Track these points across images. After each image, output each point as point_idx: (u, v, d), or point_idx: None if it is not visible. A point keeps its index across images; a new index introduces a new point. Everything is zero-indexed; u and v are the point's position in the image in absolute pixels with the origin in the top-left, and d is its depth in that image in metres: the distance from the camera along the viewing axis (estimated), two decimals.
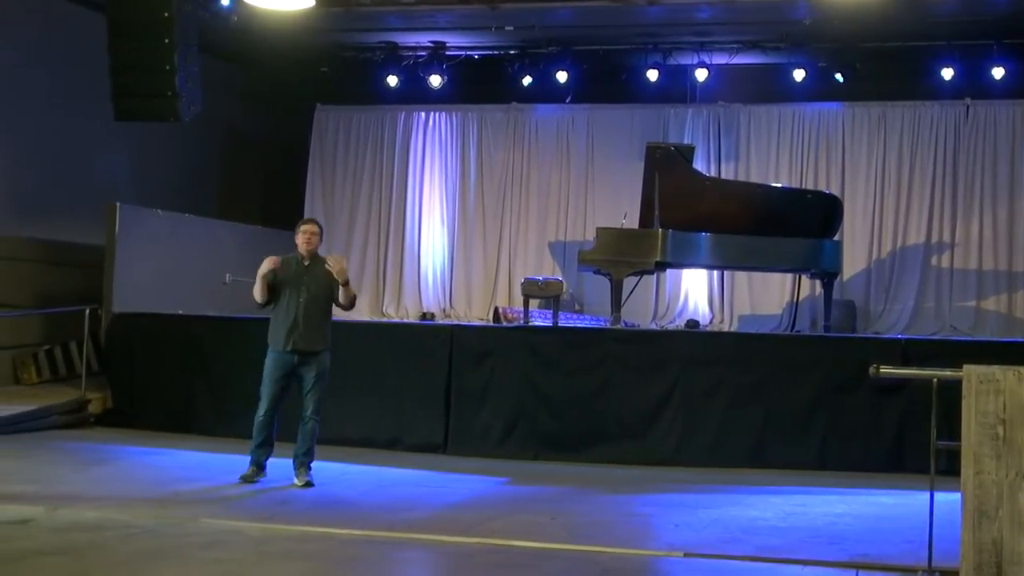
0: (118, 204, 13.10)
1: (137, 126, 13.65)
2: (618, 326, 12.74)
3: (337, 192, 17.65)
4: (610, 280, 13.11)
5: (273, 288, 8.79)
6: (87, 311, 12.59)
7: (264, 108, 17.94)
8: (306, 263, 8.89)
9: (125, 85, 12.67)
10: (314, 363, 8.80)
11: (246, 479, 8.69)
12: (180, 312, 12.78)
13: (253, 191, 18.34)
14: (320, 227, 9.11)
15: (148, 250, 13.41)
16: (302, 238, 8.92)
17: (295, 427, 8.86)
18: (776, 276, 15.49)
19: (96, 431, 11.86)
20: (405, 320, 16.36)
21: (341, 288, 8.81)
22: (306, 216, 9.03)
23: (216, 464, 9.72)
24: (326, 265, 8.79)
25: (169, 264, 13.72)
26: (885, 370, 6.29)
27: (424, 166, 17.41)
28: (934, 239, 15.59)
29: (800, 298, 15.02)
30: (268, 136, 18.26)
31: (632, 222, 13.63)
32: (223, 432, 11.19)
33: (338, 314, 9.15)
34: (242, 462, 8.90)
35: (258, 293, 8.80)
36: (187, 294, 13.61)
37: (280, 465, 8.88)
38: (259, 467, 8.82)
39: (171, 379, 12.03)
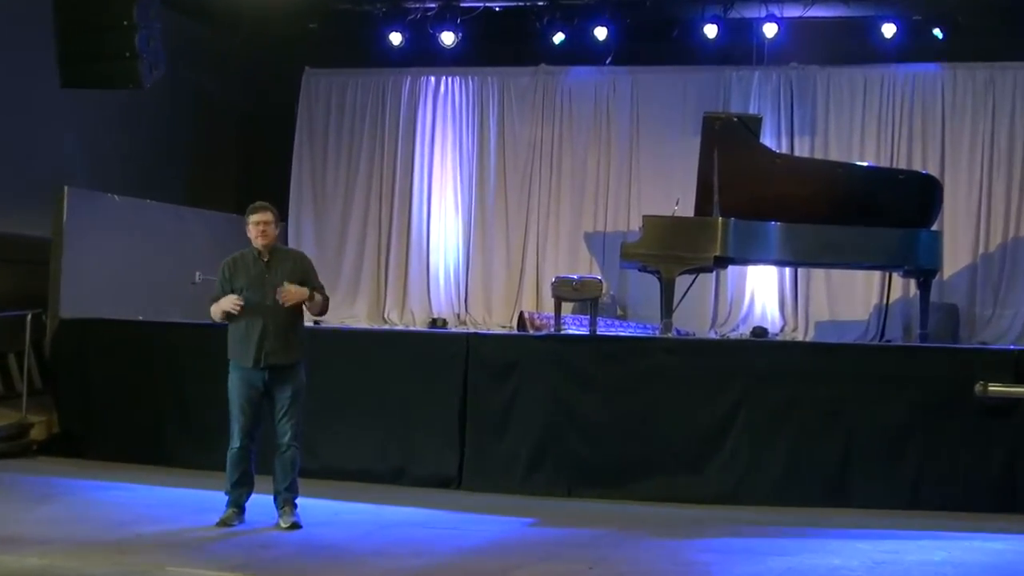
0: (66, 188, 13.13)
1: (88, 95, 13.67)
2: (669, 335, 12.73)
3: (329, 174, 17.69)
4: (659, 279, 13.08)
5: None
6: (28, 316, 12.64)
7: (241, 73, 17.98)
8: (265, 259, 8.84)
9: (74, 46, 12.65)
10: (289, 379, 8.80)
11: (225, 523, 8.70)
12: (141, 318, 12.83)
13: (228, 172, 18.38)
14: (274, 212, 8.97)
15: (103, 243, 13.46)
16: (255, 230, 8.81)
17: (269, 457, 8.86)
18: (861, 274, 15.45)
19: (40, 461, 11.90)
20: (411, 328, 16.38)
21: (307, 301, 8.83)
22: (257, 202, 8.86)
23: (185, 501, 9.77)
24: (277, 298, 8.67)
25: (128, 260, 13.77)
26: (994, 388, 6.30)
27: (434, 142, 17.45)
28: None
29: (890, 301, 14.95)
30: (246, 107, 18.30)
31: (686, 209, 13.61)
32: (194, 463, 11.22)
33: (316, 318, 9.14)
34: (217, 498, 8.94)
35: (217, 318, 8.83)
36: (150, 296, 13.66)
37: (260, 503, 8.90)
38: (239, 508, 8.83)
39: (131, 399, 12.06)
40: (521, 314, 15.37)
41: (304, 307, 8.89)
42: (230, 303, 8.66)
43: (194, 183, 17.49)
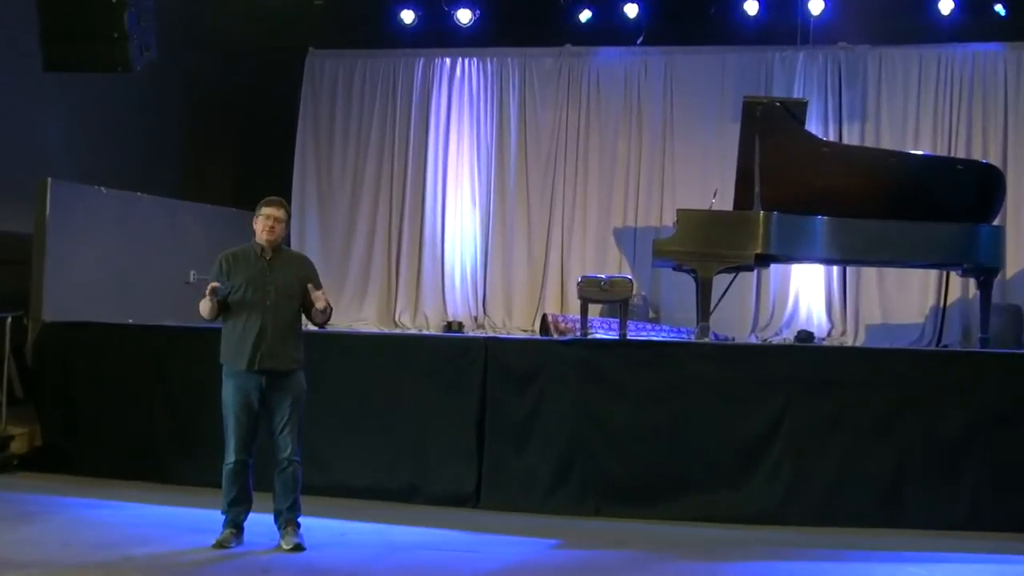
0: (49, 180, 13.17)
1: (73, 79, 13.71)
2: (706, 339, 12.71)
3: (335, 164, 17.72)
4: (695, 279, 13.07)
5: (224, 297, 8.80)
6: (8, 320, 12.66)
7: (239, 55, 17.98)
8: (268, 257, 8.89)
9: (57, 25, 12.68)
10: (288, 386, 8.82)
11: (221, 544, 8.73)
12: (131, 321, 12.87)
13: (225, 164, 18.42)
14: (287, 210, 9.08)
15: (89, 240, 13.51)
16: (263, 224, 8.87)
17: (269, 473, 8.88)
18: (916, 273, 15.42)
19: (21, 477, 11.93)
20: (424, 332, 16.40)
21: (318, 308, 8.85)
22: (271, 196, 8.92)
23: (179, 520, 9.79)
24: (312, 300, 8.76)
25: (117, 258, 13.81)
26: None
27: (450, 130, 17.47)
28: None
29: (948, 303, 14.92)
30: (245, 92, 18.30)
31: (725, 202, 13.60)
32: (189, 479, 11.27)
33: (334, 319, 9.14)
34: (213, 517, 8.96)
35: (205, 313, 8.83)
36: (140, 297, 13.69)
37: (259, 522, 8.93)
38: (237, 528, 8.86)
39: (120, 409, 12.09)
40: (544, 317, 15.37)
41: (309, 313, 8.91)
42: (208, 290, 8.64)
43: (188, 175, 17.53)
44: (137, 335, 12.55)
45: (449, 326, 16.67)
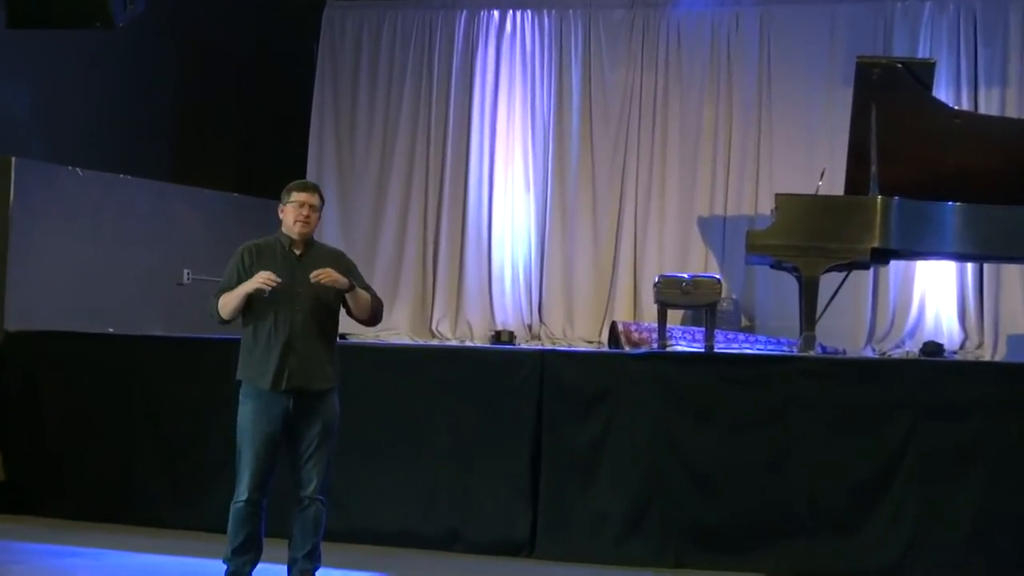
0: (13, 160, 13.23)
1: (44, 38, 13.77)
2: (811, 352, 12.64)
3: (359, 141, 17.74)
4: (798, 279, 13.02)
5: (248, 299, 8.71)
6: None
7: (243, 9, 18.05)
8: (298, 252, 8.80)
9: None
10: (318, 410, 8.73)
11: None
12: (111, 330, 12.90)
13: (226, 140, 18.48)
14: (321, 196, 8.98)
15: (61, 231, 13.56)
16: (295, 213, 8.74)
17: (287, 512, 8.84)
18: None
19: None
20: (467, 343, 16.39)
21: (348, 295, 8.78)
22: (304, 179, 8.87)
23: (169, 571, 9.87)
24: (312, 278, 8.53)
25: (95, 254, 13.86)
26: None
27: (498, 97, 17.46)
28: None
29: None
30: (249, 54, 18.37)
31: (834, 185, 13.53)
32: (178, 521, 11.34)
33: (354, 328, 9.09)
34: (211, 568, 8.95)
35: (229, 310, 8.71)
36: (123, 301, 13.73)
37: (269, 572, 8.91)
38: None
39: (98, 438, 12.14)
40: (613, 325, 15.34)
41: (348, 304, 8.78)
42: (264, 277, 8.42)
43: (182, 153, 17.59)
44: (118, 347, 12.59)
45: (497, 336, 16.67)
